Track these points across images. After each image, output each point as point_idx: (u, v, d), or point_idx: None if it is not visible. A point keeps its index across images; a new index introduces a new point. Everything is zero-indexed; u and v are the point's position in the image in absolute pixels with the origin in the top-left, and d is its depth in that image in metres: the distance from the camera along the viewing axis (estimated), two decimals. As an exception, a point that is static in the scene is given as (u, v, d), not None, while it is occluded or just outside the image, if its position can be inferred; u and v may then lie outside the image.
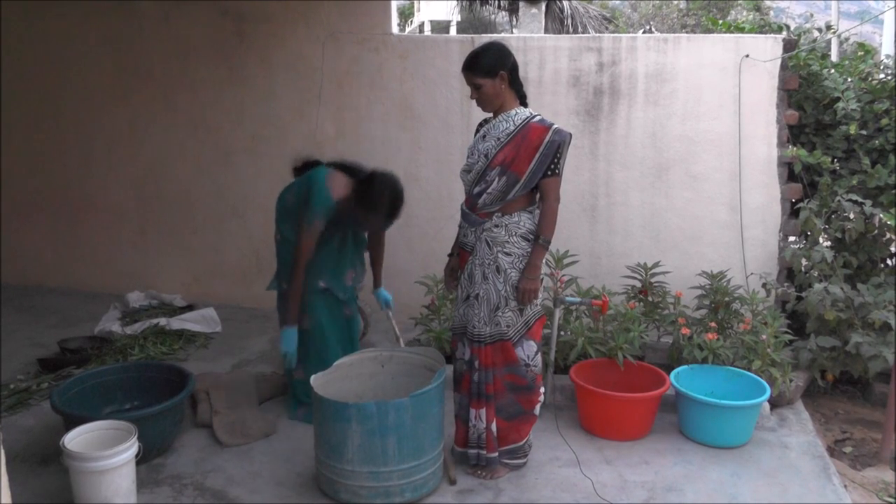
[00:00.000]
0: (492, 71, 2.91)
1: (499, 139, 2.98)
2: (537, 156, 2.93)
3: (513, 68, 2.98)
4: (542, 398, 3.19)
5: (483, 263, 3.02)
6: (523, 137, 2.95)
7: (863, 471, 3.39)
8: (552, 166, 2.94)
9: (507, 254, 2.99)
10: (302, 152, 5.02)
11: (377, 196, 3.27)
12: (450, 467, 3.11)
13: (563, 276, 4.00)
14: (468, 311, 3.08)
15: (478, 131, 3.14)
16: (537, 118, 2.99)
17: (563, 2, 12.88)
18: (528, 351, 3.08)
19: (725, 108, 4.49)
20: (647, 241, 4.70)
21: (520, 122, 2.97)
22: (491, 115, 3.07)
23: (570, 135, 3.01)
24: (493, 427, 3.09)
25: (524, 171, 2.94)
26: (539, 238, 2.99)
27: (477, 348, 3.05)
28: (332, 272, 3.51)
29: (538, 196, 3.04)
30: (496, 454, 3.11)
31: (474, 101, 3.03)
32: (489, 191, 2.98)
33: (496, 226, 3.00)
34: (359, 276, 3.69)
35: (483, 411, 3.07)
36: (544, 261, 3.06)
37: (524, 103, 3.06)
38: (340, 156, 3.77)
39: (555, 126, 2.96)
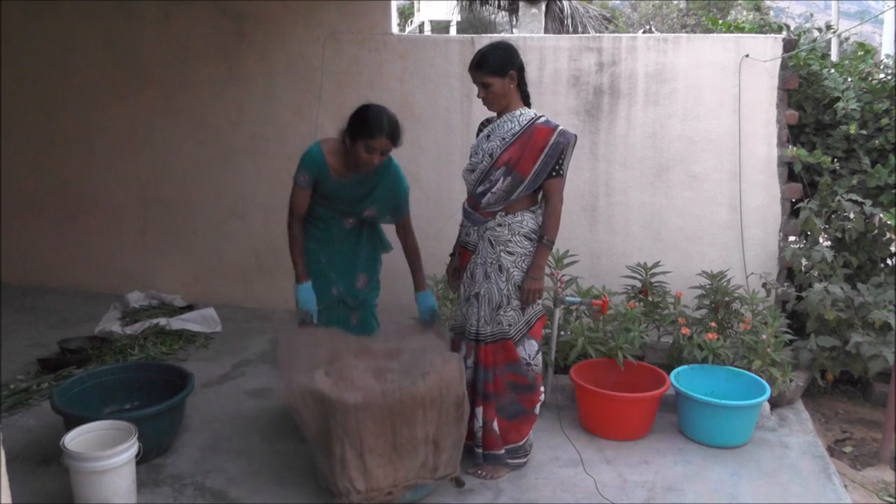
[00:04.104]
0: (502, 70, 2.92)
1: (504, 139, 2.98)
2: (542, 157, 2.93)
3: (520, 68, 2.99)
4: (542, 397, 3.20)
5: (485, 262, 3.03)
6: (528, 138, 2.95)
7: (863, 471, 3.39)
8: (556, 167, 2.95)
9: (510, 253, 3.00)
10: (301, 152, 5.06)
11: (360, 116, 3.01)
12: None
13: (563, 275, 4.01)
14: (470, 309, 3.09)
15: (480, 131, 3.14)
16: (542, 119, 3.00)
17: (563, 2, 12.89)
18: (530, 350, 3.09)
19: (725, 108, 4.49)
20: (647, 240, 4.70)
21: (525, 122, 2.98)
22: (493, 114, 3.07)
23: (576, 136, 3.01)
24: (495, 425, 3.09)
25: (529, 172, 2.94)
26: (543, 238, 3.00)
27: (479, 347, 3.06)
28: (343, 275, 3.30)
29: (541, 196, 3.05)
30: (503, 451, 3.11)
31: (474, 102, 3.04)
32: (493, 190, 2.98)
33: (499, 225, 3.01)
34: (372, 283, 3.42)
35: (480, 409, 3.08)
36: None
37: (527, 103, 3.06)
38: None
39: (560, 128, 2.96)
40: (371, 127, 2.97)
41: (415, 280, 3.35)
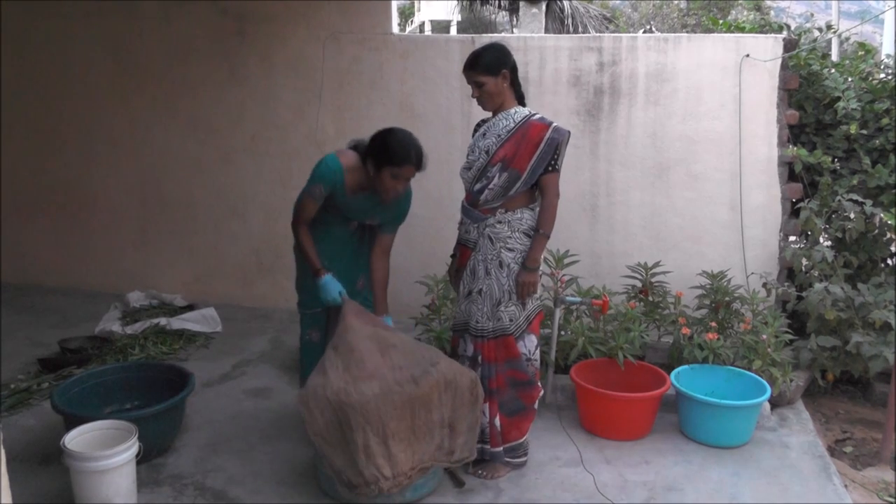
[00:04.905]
0: (494, 69, 2.96)
1: (499, 136, 3.02)
2: (537, 153, 2.96)
3: (513, 68, 3.04)
4: (541, 393, 3.21)
5: (486, 259, 3.05)
6: (523, 135, 2.98)
7: (863, 470, 3.39)
8: (552, 162, 2.98)
9: (510, 249, 3.02)
10: (302, 152, 5.07)
11: (385, 143, 2.97)
12: (456, 470, 3.10)
13: (564, 275, 4.00)
14: (470, 306, 3.10)
15: (476, 130, 3.18)
16: (537, 116, 3.03)
17: (564, 1, 12.90)
18: (529, 345, 3.10)
19: (726, 108, 4.48)
20: (648, 240, 4.70)
21: (519, 119, 3.02)
22: (490, 115, 3.11)
23: (569, 132, 3.06)
24: (497, 422, 3.11)
25: (525, 168, 2.97)
26: (539, 231, 3.01)
27: (480, 343, 3.08)
28: (344, 275, 3.25)
29: (538, 192, 3.06)
30: (500, 449, 3.12)
31: (475, 102, 3.08)
32: (490, 187, 3.01)
33: (499, 222, 3.03)
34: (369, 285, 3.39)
35: (486, 406, 3.08)
36: (544, 259, 3.08)
37: (522, 104, 3.10)
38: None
39: (554, 124, 3.01)
40: (398, 155, 2.96)
41: (375, 305, 3.27)
